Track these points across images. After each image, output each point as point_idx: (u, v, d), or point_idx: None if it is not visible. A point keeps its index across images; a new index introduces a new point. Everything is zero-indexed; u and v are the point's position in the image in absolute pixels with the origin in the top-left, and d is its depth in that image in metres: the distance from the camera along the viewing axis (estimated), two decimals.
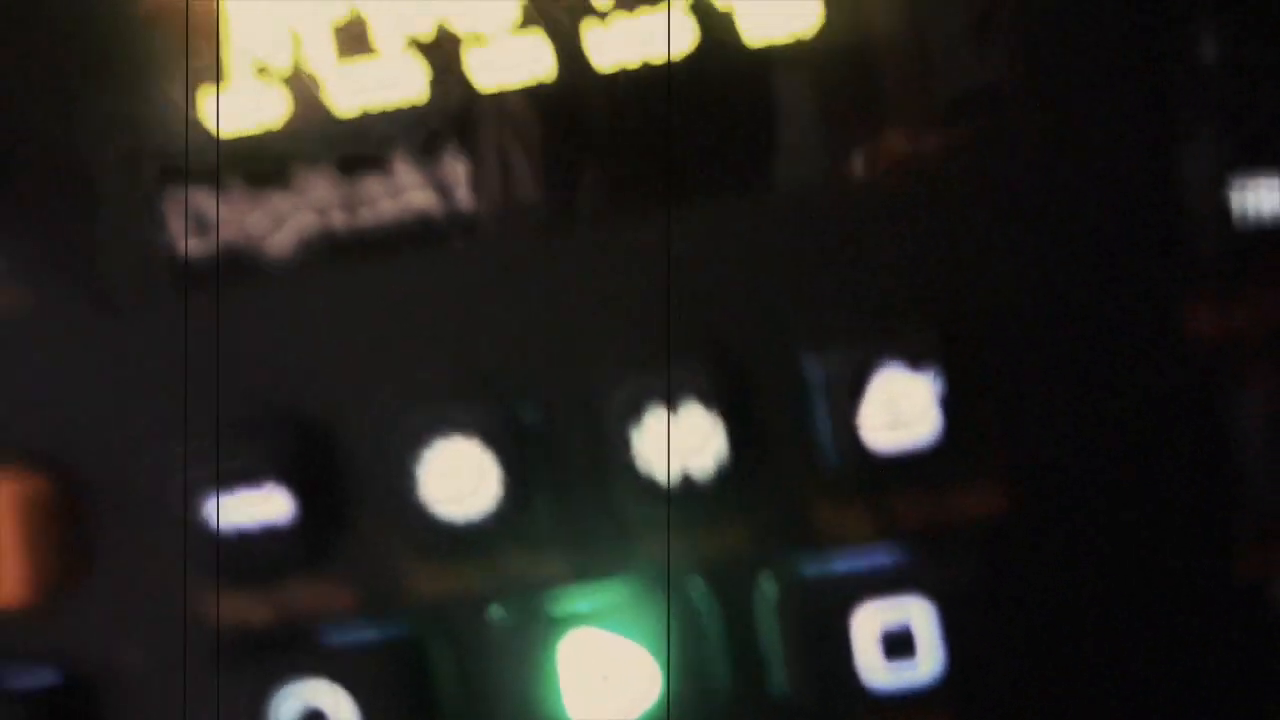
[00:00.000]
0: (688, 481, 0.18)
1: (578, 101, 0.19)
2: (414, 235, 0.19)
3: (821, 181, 0.19)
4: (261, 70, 0.20)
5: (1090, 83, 0.18)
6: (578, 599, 0.18)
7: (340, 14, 0.20)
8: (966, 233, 0.18)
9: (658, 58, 0.20)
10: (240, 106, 0.20)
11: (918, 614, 0.18)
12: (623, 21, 0.20)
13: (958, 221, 0.18)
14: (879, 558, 0.18)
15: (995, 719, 0.18)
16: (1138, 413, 0.18)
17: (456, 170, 0.19)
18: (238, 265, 0.19)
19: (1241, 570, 0.18)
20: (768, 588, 0.18)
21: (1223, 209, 0.18)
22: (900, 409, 0.18)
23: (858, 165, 0.19)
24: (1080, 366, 0.18)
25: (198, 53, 0.20)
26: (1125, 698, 0.18)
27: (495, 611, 0.18)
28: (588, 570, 0.18)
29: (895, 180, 0.18)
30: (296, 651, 0.18)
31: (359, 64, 0.20)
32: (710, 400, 0.18)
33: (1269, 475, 0.18)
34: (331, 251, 0.19)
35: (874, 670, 0.18)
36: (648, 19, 0.20)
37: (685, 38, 0.20)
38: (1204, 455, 0.18)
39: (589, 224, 0.19)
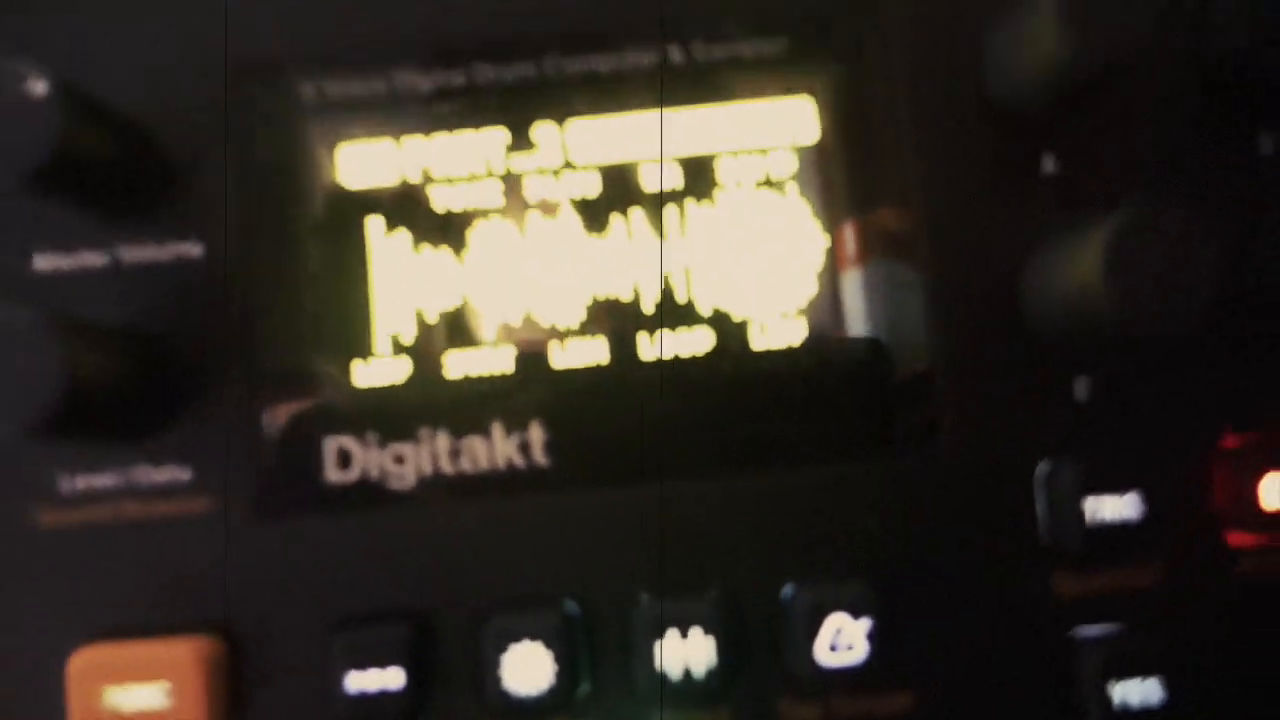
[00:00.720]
0: (688, 678, 0.25)
1: (626, 385, 0.27)
2: (502, 482, 0.26)
3: (800, 473, 0.26)
4: (395, 343, 0.27)
5: (988, 424, 0.26)
6: None
7: (454, 304, 0.27)
8: (897, 530, 0.26)
9: (687, 353, 0.27)
10: (378, 371, 0.27)
11: None
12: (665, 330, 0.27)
13: (891, 521, 0.26)
14: None
15: None
16: (1017, 647, 0.26)
17: (535, 434, 0.26)
18: (371, 494, 0.26)
19: None
20: None
21: (1079, 512, 0.25)
22: (842, 640, 0.25)
23: (829, 462, 0.26)
24: (976, 616, 0.26)
25: (350, 327, 0.27)
26: None
27: None
28: None
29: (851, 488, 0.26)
30: None
31: (467, 349, 0.27)
32: (708, 624, 0.25)
33: (1102, 699, 0.25)
34: (441, 489, 0.26)
35: None
36: (683, 333, 0.27)
37: (706, 341, 0.27)
38: (1064, 679, 0.26)
39: (623, 482, 0.26)
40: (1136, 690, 0.25)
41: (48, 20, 0.27)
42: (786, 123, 0.27)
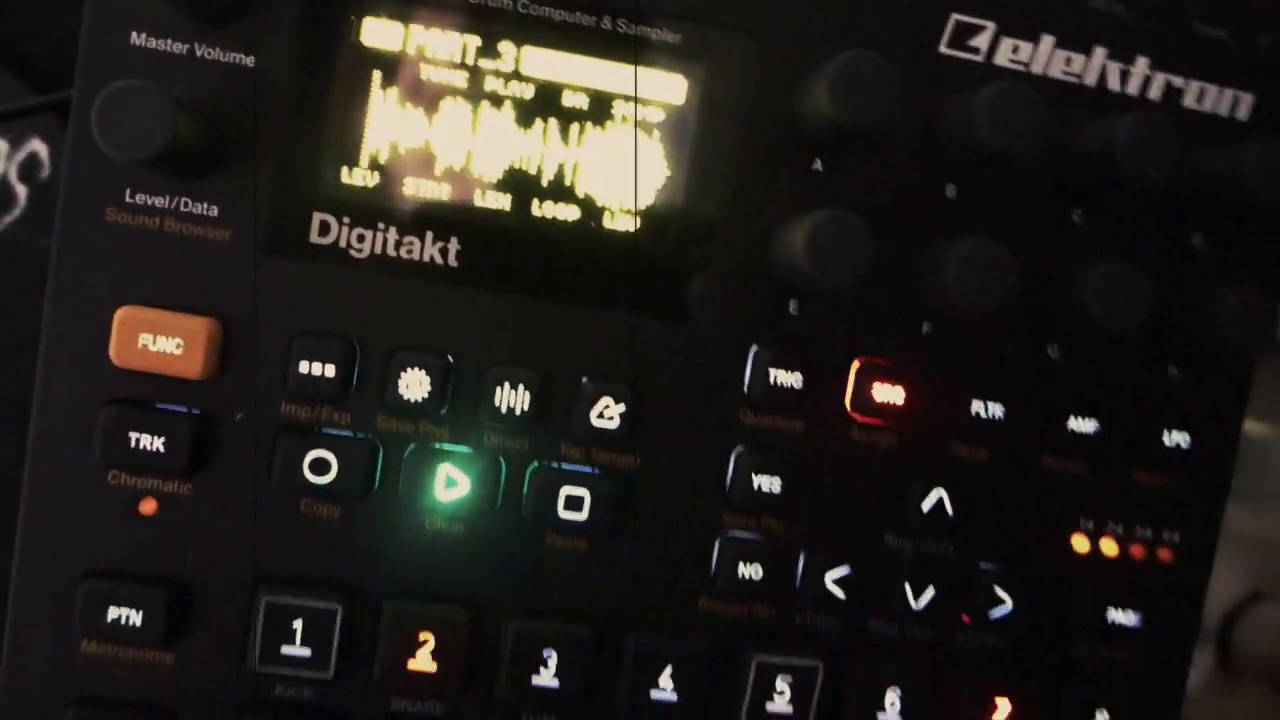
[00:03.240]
0: (510, 414, 0.41)
1: (518, 228, 0.41)
2: (424, 270, 0.40)
3: (609, 313, 0.41)
4: (373, 160, 0.40)
5: None
6: None
7: (419, 145, 0.40)
8: (660, 361, 0.42)
9: (561, 218, 0.41)
10: (358, 176, 0.40)
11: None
12: None
13: (658, 356, 0.41)
14: None
15: None
16: (708, 445, 0.42)
17: (453, 245, 0.41)
18: (338, 256, 0.40)
19: None
20: None
21: (766, 376, 0.42)
22: (607, 414, 0.41)
23: (629, 310, 0.41)
24: (689, 420, 0.42)
25: (345, 142, 0.40)
26: None
27: None
28: None
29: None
30: None
31: (420, 177, 0.40)
32: (529, 386, 0.41)
33: (746, 481, 0.42)
34: (384, 265, 0.40)
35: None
36: (561, 205, 0.41)
37: (574, 214, 0.41)
38: (729, 468, 0.43)
39: (499, 290, 0.41)
40: (766, 481, 0.42)
41: None
42: (666, 88, 0.41)
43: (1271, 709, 0.69)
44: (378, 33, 0.40)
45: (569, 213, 0.41)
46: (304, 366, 0.40)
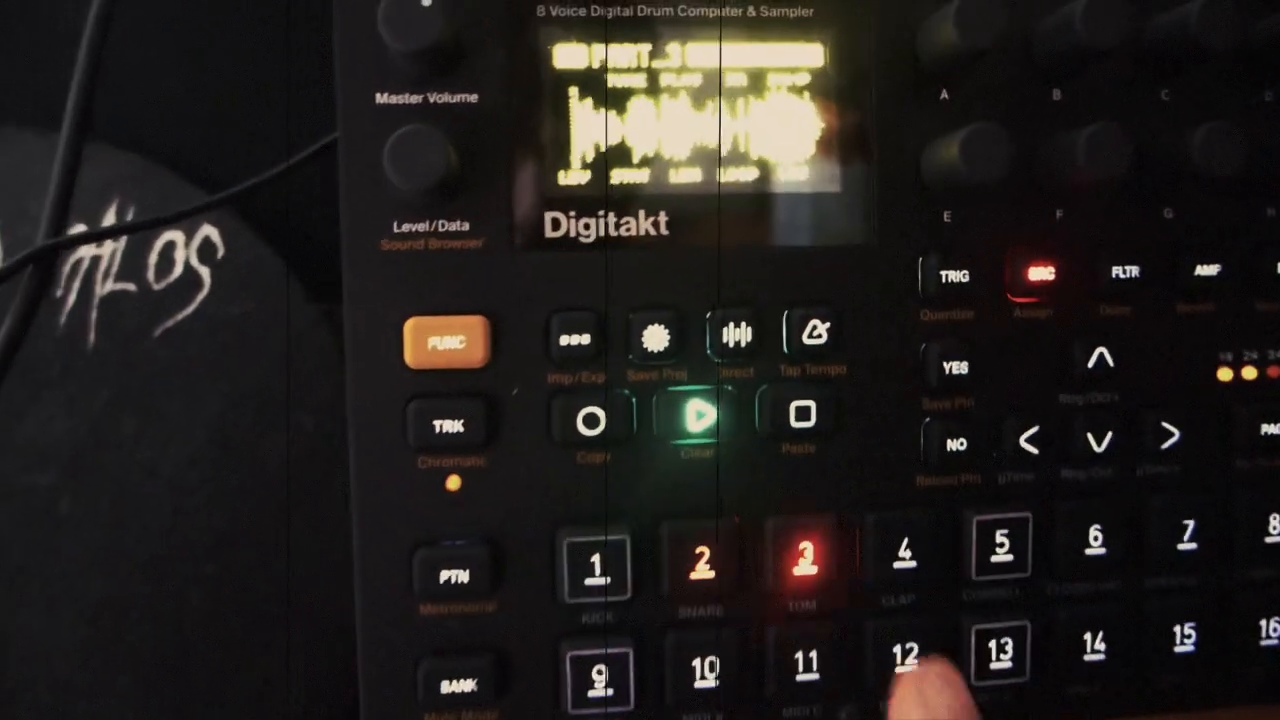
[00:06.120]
0: (737, 348, 0.48)
1: (709, 194, 0.49)
2: (641, 242, 0.48)
3: (797, 249, 0.49)
4: (583, 161, 0.48)
5: None
6: None
7: (617, 140, 0.48)
8: (849, 280, 0.49)
9: (743, 179, 0.49)
10: (574, 176, 0.48)
11: None
12: None
13: (839, 279, 0.49)
14: None
15: None
16: (899, 337, 0.50)
17: (661, 217, 0.48)
18: (569, 244, 0.48)
19: None
20: None
21: (937, 274, 0.49)
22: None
23: (812, 241, 0.49)
24: (885, 326, 0.50)
25: (558, 150, 0.48)
26: None
27: None
28: None
29: None
30: None
31: (624, 168, 0.48)
32: (746, 318, 0.48)
33: (938, 366, 0.50)
34: (609, 242, 0.48)
35: None
36: (742, 168, 0.49)
37: (753, 175, 0.49)
38: (921, 361, 0.50)
39: (700, 247, 0.48)
40: (955, 366, 0.49)
41: None
42: (807, 56, 0.49)
43: None
44: (568, 57, 0.48)
45: (749, 174, 0.49)
46: (563, 340, 0.47)
